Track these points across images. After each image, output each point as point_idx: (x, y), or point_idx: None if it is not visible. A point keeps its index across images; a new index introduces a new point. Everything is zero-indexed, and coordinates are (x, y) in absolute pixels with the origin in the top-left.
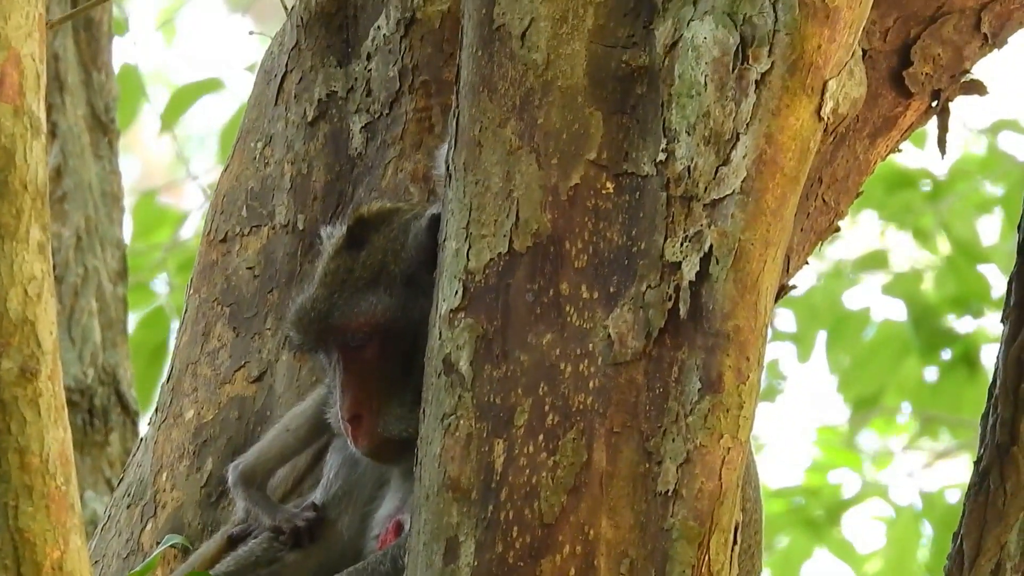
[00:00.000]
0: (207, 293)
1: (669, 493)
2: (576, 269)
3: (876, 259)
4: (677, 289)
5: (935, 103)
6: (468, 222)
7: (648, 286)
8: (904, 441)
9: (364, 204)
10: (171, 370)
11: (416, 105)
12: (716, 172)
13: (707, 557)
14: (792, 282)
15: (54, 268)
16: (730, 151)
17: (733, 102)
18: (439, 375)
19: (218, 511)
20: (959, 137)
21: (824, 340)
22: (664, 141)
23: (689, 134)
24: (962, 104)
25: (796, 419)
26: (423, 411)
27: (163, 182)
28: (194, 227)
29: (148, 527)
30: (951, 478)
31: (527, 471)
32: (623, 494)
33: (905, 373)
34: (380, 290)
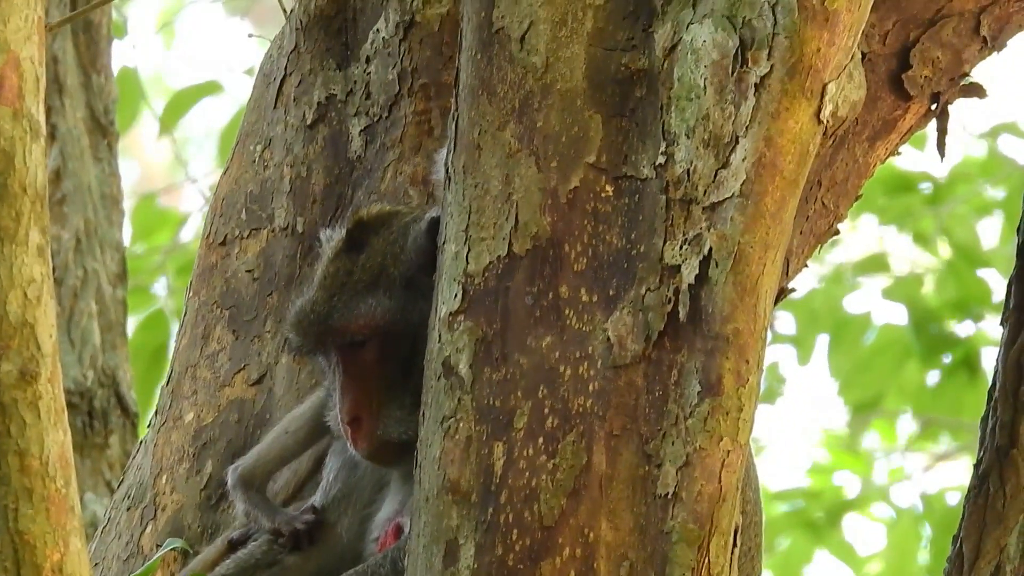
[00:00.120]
0: (206, 296)
1: (669, 496)
2: (575, 272)
3: (876, 263)
4: (676, 292)
5: (934, 106)
6: (467, 225)
7: (647, 289)
8: (904, 444)
9: (363, 207)
10: (171, 373)
11: (415, 108)
12: (715, 175)
13: (707, 560)
14: (791, 285)
15: (53, 270)
16: (729, 154)
17: (732, 105)
18: (439, 378)
19: (218, 514)
20: (959, 140)
21: (824, 343)
22: (663, 144)
23: (688, 137)
24: (962, 107)
25: (796, 421)
26: (423, 414)
27: (162, 185)
28: (193, 230)
29: (148, 529)
30: (951, 480)
31: (527, 474)
32: (623, 497)
33: (906, 377)
34: (379, 293)
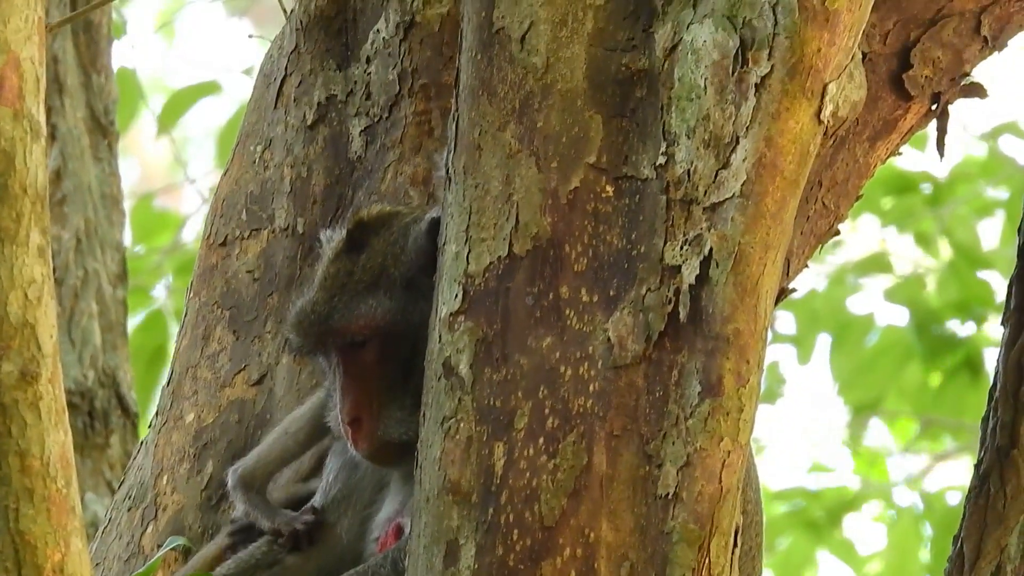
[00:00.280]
0: (207, 297)
1: (669, 496)
2: (576, 272)
3: (877, 263)
4: (677, 292)
5: (935, 106)
6: (468, 225)
7: (648, 289)
8: (905, 444)
9: (364, 207)
10: (171, 373)
11: (415, 108)
12: (716, 175)
13: (707, 560)
14: (792, 285)
15: (54, 271)
16: (730, 154)
17: (733, 105)
18: (439, 378)
19: (219, 514)
20: (959, 140)
21: (824, 343)
22: (664, 144)
23: (689, 137)
24: (962, 107)
25: (796, 421)
26: (423, 414)
27: (162, 185)
28: (193, 230)
29: (149, 530)
30: (951, 480)
31: (527, 474)
32: (623, 497)
33: (907, 378)
34: (380, 293)
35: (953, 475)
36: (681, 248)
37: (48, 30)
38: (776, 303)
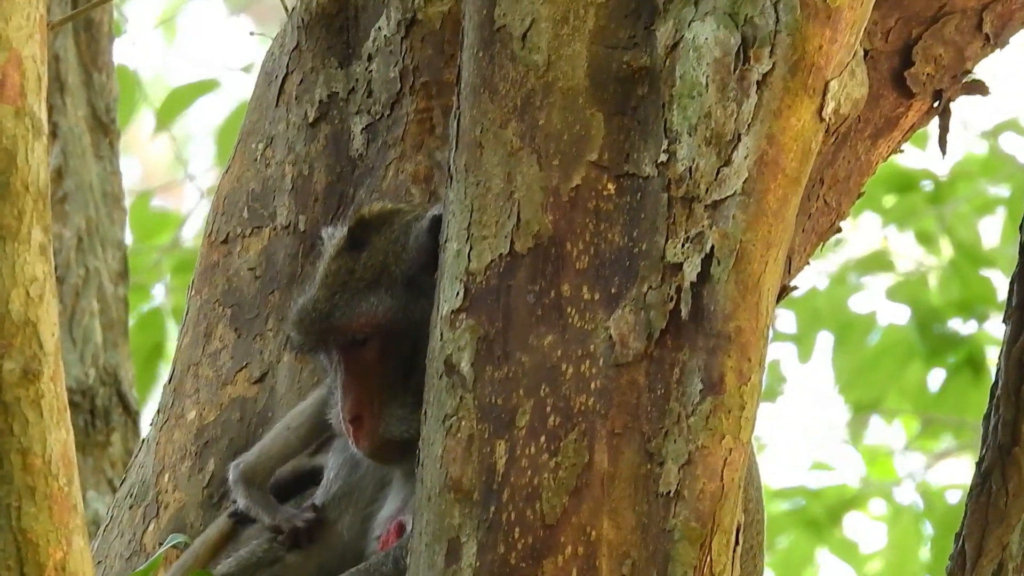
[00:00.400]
0: (208, 294)
1: (671, 494)
2: (577, 270)
3: (879, 261)
4: (678, 290)
5: (937, 103)
6: (469, 223)
7: (649, 287)
8: (906, 443)
9: (365, 205)
10: (173, 371)
11: (417, 106)
12: (717, 173)
13: (709, 558)
14: (793, 283)
15: (55, 269)
16: (731, 152)
17: (734, 103)
18: (440, 376)
19: (220, 512)
20: (960, 138)
21: (826, 342)
22: (665, 142)
23: (690, 135)
24: (964, 105)
25: (797, 419)
26: (424, 412)
27: (162, 183)
28: (193, 228)
29: (150, 528)
30: (953, 478)
31: (529, 472)
32: (625, 495)
33: (909, 377)
34: (381, 291)
35: (954, 473)
36: (683, 246)
37: (49, 28)
38: (777, 301)
